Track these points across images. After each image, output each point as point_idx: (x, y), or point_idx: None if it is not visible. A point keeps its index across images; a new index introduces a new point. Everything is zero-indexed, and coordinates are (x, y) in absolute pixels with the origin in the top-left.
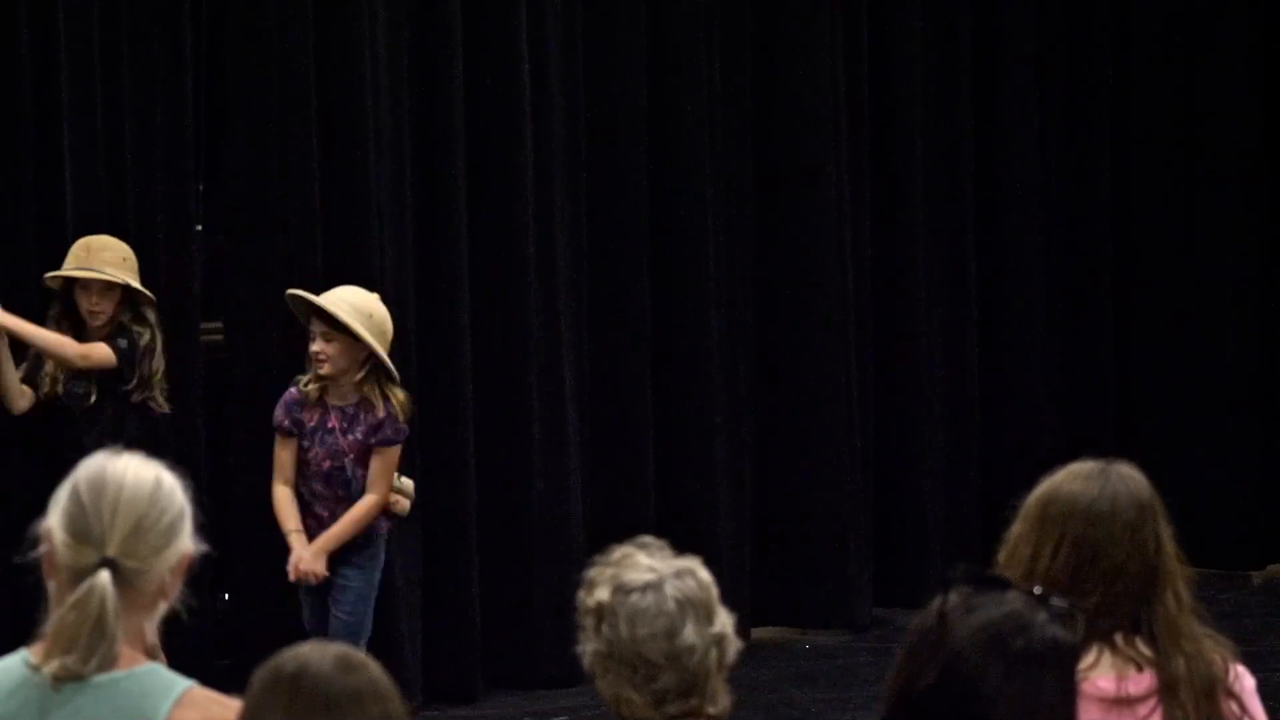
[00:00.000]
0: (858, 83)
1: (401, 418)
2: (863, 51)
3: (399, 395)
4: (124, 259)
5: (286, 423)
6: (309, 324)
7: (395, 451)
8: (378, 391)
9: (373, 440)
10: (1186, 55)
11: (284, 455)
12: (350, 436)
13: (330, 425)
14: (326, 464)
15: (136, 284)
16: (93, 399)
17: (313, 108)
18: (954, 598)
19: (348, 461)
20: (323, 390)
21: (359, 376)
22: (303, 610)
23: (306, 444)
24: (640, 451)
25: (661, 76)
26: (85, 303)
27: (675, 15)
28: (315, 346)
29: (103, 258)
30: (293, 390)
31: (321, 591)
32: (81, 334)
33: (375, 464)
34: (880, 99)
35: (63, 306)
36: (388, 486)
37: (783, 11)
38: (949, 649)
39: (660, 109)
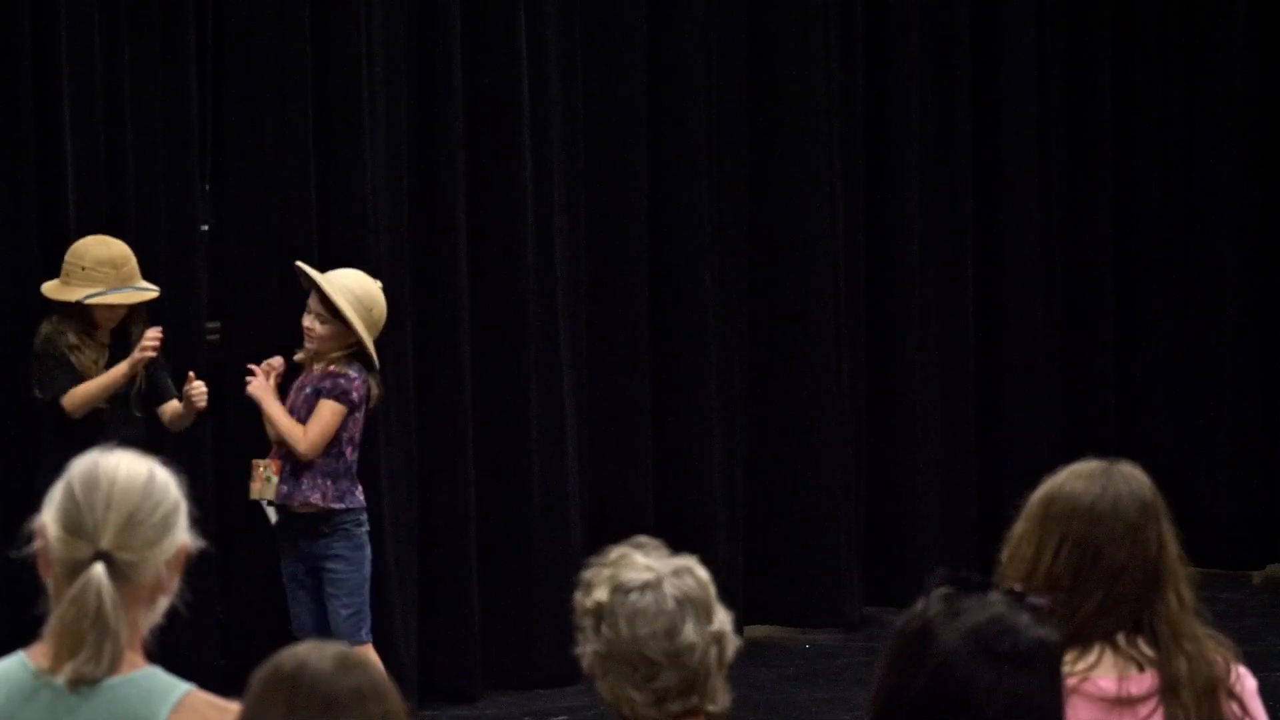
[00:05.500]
0: (854, 84)
1: (370, 398)
2: (859, 52)
3: (371, 381)
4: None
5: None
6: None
7: (330, 406)
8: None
9: (320, 392)
10: (1186, 55)
11: None
12: (303, 394)
13: (305, 389)
14: None
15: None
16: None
17: (310, 105)
18: (936, 602)
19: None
20: (312, 361)
21: (338, 355)
22: (291, 619)
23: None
24: (637, 451)
25: (659, 76)
26: (111, 317)
27: (672, 15)
28: (307, 322)
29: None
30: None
31: (309, 594)
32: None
33: (314, 413)
34: (877, 100)
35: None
36: (316, 435)
37: (778, 11)
38: (938, 655)
39: (657, 108)
